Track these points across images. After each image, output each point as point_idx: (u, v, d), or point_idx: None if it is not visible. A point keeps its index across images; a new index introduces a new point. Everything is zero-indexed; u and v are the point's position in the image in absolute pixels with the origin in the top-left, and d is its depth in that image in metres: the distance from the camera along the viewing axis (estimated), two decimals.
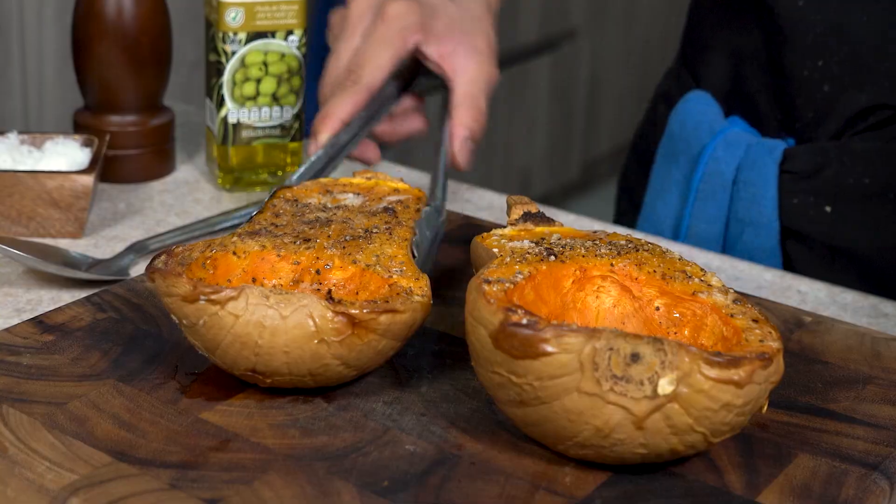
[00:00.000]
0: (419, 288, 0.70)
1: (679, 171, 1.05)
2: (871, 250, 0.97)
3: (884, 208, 0.96)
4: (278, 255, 0.72)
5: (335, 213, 0.77)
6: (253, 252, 0.72)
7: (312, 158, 0.90)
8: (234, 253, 0.72)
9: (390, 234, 0.75)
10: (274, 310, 0.65)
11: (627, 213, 1.17)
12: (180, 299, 0.66)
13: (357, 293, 0.71)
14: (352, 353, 0.67)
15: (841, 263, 0.99)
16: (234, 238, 0.73)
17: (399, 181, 0.82)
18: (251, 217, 0.77)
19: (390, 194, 0.80)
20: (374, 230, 0.75)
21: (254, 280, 0.72)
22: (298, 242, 0.73)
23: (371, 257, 0.72)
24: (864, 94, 0.96)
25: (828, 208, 0.97)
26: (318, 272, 0.72)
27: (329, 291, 0.70)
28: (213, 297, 0.65)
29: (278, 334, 0.66)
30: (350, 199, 0.78)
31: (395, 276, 0.70)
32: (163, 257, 0.70)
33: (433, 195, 0.88)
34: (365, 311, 0.66)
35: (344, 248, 0.73)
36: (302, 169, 0.88)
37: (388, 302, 0.68)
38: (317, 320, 0.66)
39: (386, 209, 0.77)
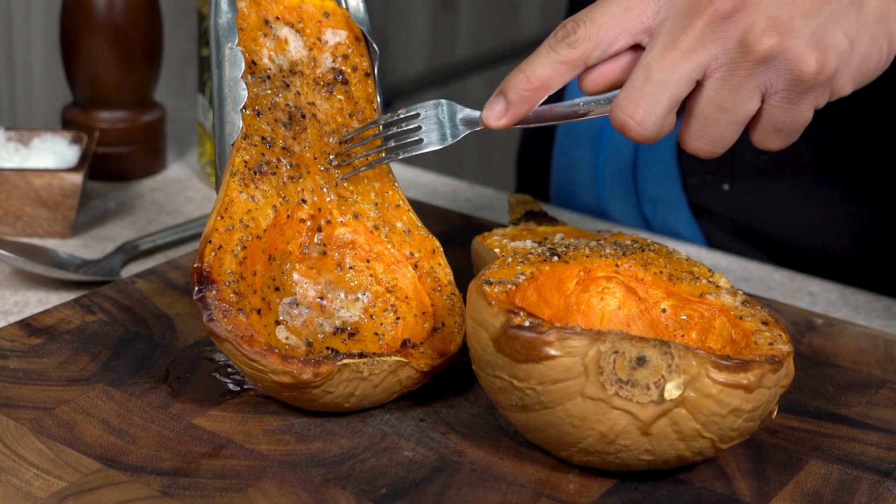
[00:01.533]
0: (447, 278, 0.72)
1: (584, 153, 1.05)
2: (771, 225, 0.98)
3: (780, 184, 0.96)
4: (287, 217, 0.72)
5: (297, 92, 0.76)
6: (269, 225, 0.72)
7: None
8: (258, 237, 0.71)
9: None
10: (367, 381, 0.66)
11: (532, 186, 1.16)
12: (274, 383, 0.65)
13: (368, 262, 0.73)
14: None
15: (748, 238, 0.99)
16: (246, 196, 0.72)
17: None
18: (242, 132, 0.74)
19: (324, 26, 0.78)
20: (347, 134, 0.76)
21: (270, 258, 0.71)
22: (295, 178, 0.73)
23: (370, 208, 0.74)
24: None
25: (726, 186, 0.98)
26: (319, 229, 0.73)
27: (405, 342, 0.70)
28: (314, 383, 0.65)
29: (366, 398, 0.67)
30: (293, 48, 0.77)
31: (414, 254, 0.73)
32: (213, 304, 0.66)
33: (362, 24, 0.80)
34: (441, 362, 0.69)
35: (336, 185, 0.74)
36: None
37: (450, 341, 0.70)
38: (403, 381, 0.67)
39: (336, 76, 0.77)
